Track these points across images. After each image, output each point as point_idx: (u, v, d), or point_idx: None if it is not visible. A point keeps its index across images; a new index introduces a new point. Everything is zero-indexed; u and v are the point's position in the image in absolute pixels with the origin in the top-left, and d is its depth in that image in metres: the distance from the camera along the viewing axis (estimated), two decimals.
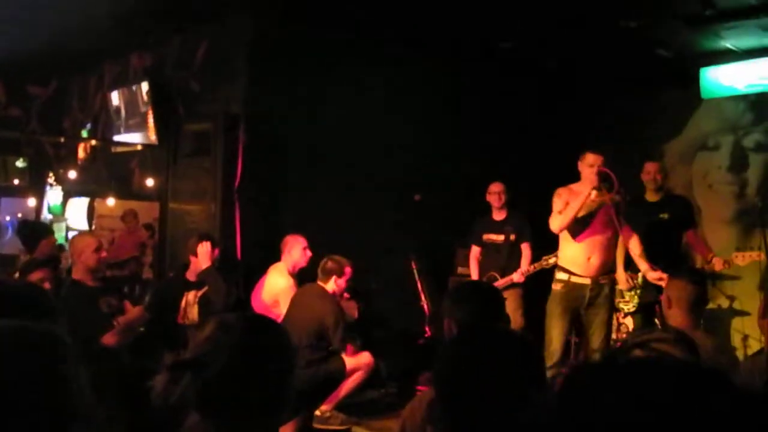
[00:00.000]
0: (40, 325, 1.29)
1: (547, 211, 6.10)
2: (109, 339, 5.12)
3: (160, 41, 8.15)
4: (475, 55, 7.84)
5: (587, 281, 6.04)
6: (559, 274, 6.19)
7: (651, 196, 7.01)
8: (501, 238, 7.64)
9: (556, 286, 6.18)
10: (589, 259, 6.04)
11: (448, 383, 2.17)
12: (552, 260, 7.02)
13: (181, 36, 7.94)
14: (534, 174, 7.71)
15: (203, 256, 6.05)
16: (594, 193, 5.92)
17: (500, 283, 7.25)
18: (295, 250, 6.62)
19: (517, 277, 7.34)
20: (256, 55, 7.07)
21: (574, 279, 6.08)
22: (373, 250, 7.37)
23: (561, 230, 6.06)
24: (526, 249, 7.56)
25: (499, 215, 7.69)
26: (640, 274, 6.60)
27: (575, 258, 6.10)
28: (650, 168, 7.00)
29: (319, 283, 6.22)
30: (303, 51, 7.15)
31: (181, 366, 1.87)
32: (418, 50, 7.64)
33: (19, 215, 9.63)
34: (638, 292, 6.86)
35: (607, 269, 6.12)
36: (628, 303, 6.93)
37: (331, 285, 6.20)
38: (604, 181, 5.87)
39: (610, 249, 6.11)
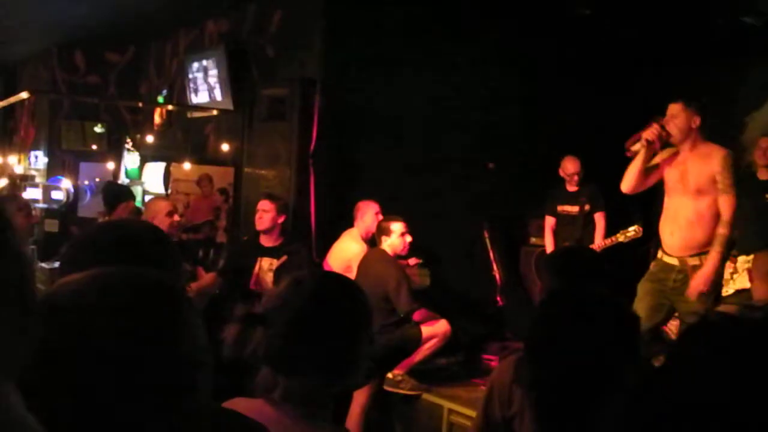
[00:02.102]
0: (166, 275, 1.27)
1: None
2: None
3: (236, 7, 8.20)
4: (551, 23, 7.70)
5: (674, 261, 5.13)
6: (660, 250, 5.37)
7: (764, 174, 6.55)
8: (575, 209, 7.56)
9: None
10: (671, 233, 5.17)
11: (538, 344, 2.15)
12: (631, 233, 6.86)
13: (256, 1, 7.97)
14: (611, 146, 7.55)
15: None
16: (643, 139, 5.20)
17: None
18: (368, 216, 6.63)
19: None
20: (332, 20, 7.05)
21: (665, 258, 5.23)
22: (446, 219, 7.35)
23: (628, 190, 5.35)
24: (600, 219, 7.44)
25: (572, 186, 7.61)
26: (740, 258, 5.89)
27: (661, 231, 5.29)
28: (765, 143, 6.53)
29: (381, 246, 6.24)
30: (379, 18, 7.11)
31: (252, 319, 1.87)
32: (493, 19, 7.53)
33: (97, 179, 9.84)
34: (735, 277, 5.99)
35: (696, 247, 5.07)
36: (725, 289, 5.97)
37: (386, 246, 6.19)
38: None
39: (700, 222, 5.06)
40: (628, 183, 5.34)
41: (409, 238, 6.26)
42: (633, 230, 6.85)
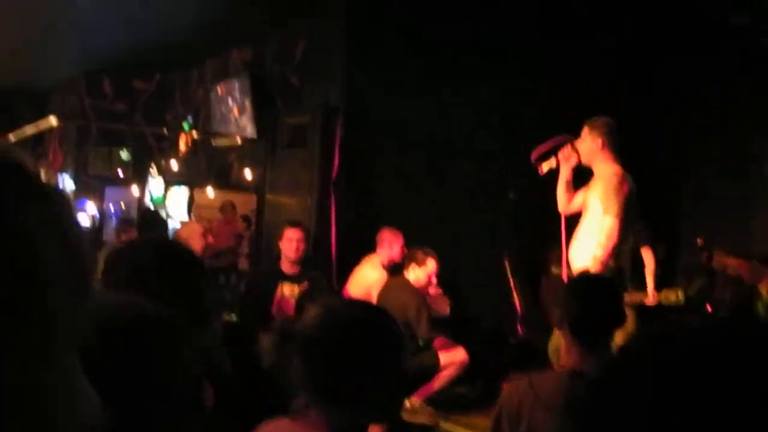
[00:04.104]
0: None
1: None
2: None
3: (261, 36, 8.31)
4: (579, 51, 7.71)
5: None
6: None
7: None
8: None
9: None
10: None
11: None
12: (672, 297, 5.63)
13: (280, 31, 8.08)
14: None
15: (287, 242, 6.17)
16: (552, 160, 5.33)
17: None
18: (393, 245, 6.64)
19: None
20: (354, 49, 7.13)
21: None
22: (466, 247, 7.35)
23: (562, 210, 5.39)
24: (647, 254, 6.59)
25: None
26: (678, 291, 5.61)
27: None
28: None
29: (404, 274, 6.26)
30: (401, 46, 7.17)
31: (287, 334, 1.89)
32: (517, 47, 7.56)
33: (122, 204, 9.96)
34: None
35: (575, 261, 5.10)
36: None
37: (412, 275, 6.21)
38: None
39: (582, 236, 5.10)
40: (559, 204, 5.40)
41: (434, 281, 6.29)
42: (675, 293, 5.68)
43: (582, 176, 5.42)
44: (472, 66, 7.49)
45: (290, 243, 6.19)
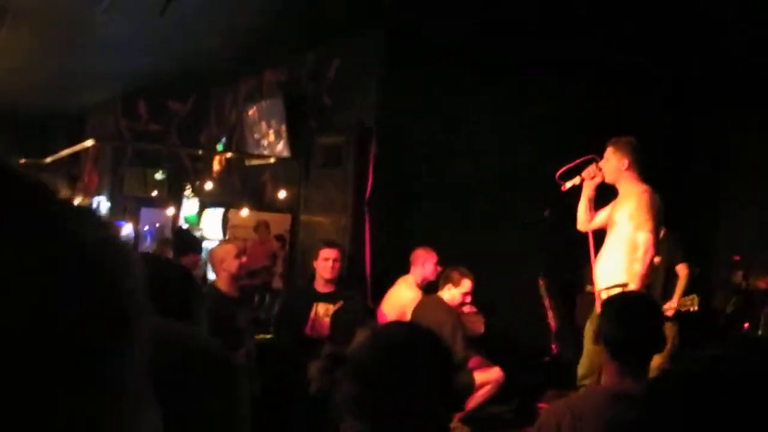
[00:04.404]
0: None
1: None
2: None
3: (295, 56, 8.39)
4: (612, 74, 7.70)
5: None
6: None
7: None
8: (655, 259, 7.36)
9: None
10: (595, 266, 5.31)
11: None
12: (688, 303, 6.33)
13: (314, 51, 8.15)
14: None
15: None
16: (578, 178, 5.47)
17: None
18: (428, 264, 6.65)
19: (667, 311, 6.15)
20: (389, 68, 7.17)
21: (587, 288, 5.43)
22: (501, 266, 7.33)
23: (581, 227, 5.53)
24: (681, 270, 6.72)
25: None
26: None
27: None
28: None
29: (439, 293, 6.26)
30: (437, 65, 7.20)
31: (337, 359, 1.88)
32: (555, 67, 7.55)
33: (157, 224, 10.06)
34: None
35: (605, 279, 5.12)
36: None
37: (447, 294, 6.21)
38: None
39: (610, 254, 5.17)
40: (579, 221, 5.54)
41: (469, 300, 6.30)
42: (690, 301, 6.37)
43: (603, 195, 5.47)
44: (506, 86, 7.49)
45: (326, 263, 6.20)
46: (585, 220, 5.49)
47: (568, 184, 5.55)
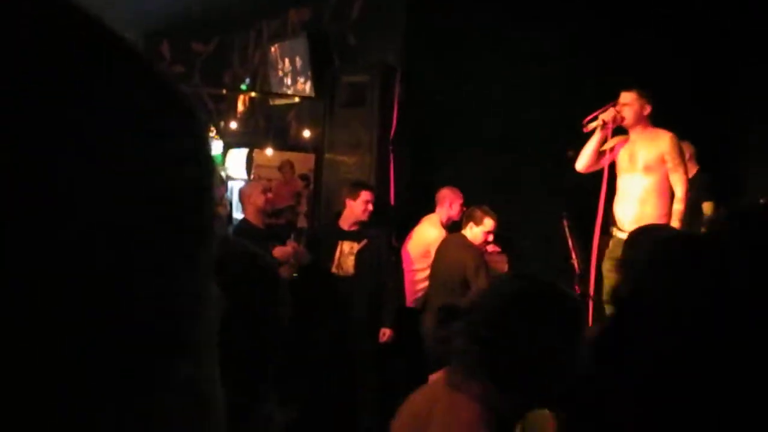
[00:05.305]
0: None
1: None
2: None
3: None
4: (642, 15, 7.56)
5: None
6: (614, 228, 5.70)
7: None
8: None
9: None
10: (623, 211, 5.56)
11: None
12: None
13: None
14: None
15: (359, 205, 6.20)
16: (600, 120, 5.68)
17: None
18: (454, 205, 6.67)
19: None
20: (413, 7, 7.09)
21: (618, 234, 5.59)
22: (524, 206, 7.32)
23: (582, 169, 5.95)
24: (707, 207, 6.82)
25: None
26: None
27: (615, 210, 5.73)
28: None
29: (462, 232, 6.28)
30: (462, 5, 7.11)
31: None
32: (582, 8, 7.41)
33: None
34: None
35: (646, 222, 5.00)
36: None
37: (469, 232, 6.25)
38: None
39: (649, 198, 5.40)
40: (582, 162, 5.92)
41: (491, 238, 6.31)
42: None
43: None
44: (536, 27, 7.38)
45: (365, 205, 6.25)
46: (590, 162, 5.87)
47: (591, 125, 5.79)
